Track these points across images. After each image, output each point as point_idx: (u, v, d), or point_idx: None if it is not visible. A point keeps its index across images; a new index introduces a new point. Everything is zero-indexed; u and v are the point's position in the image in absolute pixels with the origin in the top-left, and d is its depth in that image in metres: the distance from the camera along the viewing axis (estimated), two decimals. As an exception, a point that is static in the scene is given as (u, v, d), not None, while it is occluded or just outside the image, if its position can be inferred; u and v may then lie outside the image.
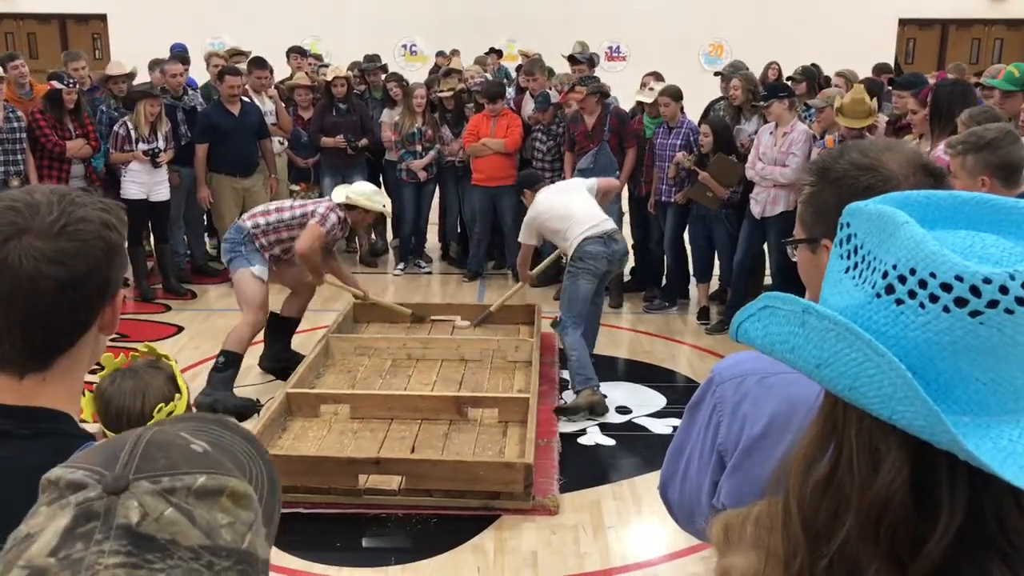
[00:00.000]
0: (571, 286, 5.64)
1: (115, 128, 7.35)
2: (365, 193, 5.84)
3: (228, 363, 5.42)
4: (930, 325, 0.73)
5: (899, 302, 0.74)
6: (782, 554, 0.82)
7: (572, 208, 5.75)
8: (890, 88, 7.03)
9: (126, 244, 1.30)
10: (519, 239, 6.18)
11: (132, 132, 7.28)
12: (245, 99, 7.88)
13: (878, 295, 0.76)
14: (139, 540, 0.68)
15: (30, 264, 1.16)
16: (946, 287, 0.72)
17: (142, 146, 7.29)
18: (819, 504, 0.79)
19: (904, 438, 0.73)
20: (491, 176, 7.83)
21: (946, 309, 0.72)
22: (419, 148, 8.15)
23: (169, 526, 0.70)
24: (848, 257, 0.82)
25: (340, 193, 5.83)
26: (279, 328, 5.96)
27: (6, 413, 1.21)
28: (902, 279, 0.74)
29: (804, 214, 1.49)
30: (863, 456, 0.76)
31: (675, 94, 7.11)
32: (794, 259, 1.53)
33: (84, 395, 2.23)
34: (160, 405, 2.18)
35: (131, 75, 8.15)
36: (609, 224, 5.73)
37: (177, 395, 2.22)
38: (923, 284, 0.73)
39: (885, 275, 0.76)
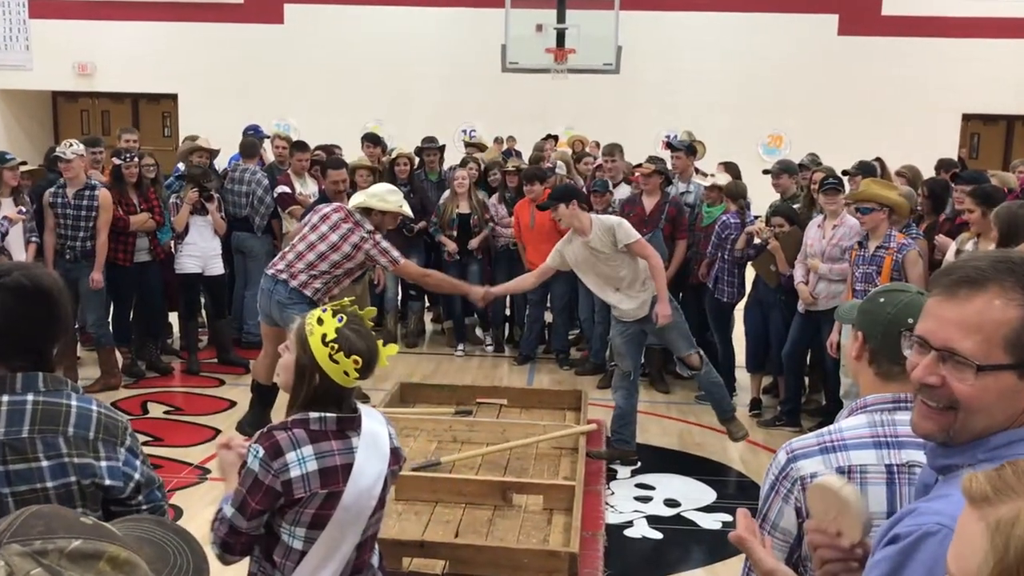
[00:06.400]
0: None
1: (171, 201, 7.53)
2: (379, 194, 5.72)
3: None
4: None
5: None
6: None
7: None
8: (953, 184, 6.79)
9: None
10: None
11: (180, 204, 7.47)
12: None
13: None
14: None
15: None
16: None
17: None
18: None
19: None
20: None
21: None
22: (455, 232, 8.13)
23: None
24: None
25: (356, 198, 5.78)
26: (266, 396, 5.99)
27: None
28: None
29: (1015, 337, 1.25)
30: None
31: (731, 191, 7.10)
32: (964, 384, 1.28)
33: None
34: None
35: (214, 152, 8.30)
36: None
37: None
38: None
39: None
